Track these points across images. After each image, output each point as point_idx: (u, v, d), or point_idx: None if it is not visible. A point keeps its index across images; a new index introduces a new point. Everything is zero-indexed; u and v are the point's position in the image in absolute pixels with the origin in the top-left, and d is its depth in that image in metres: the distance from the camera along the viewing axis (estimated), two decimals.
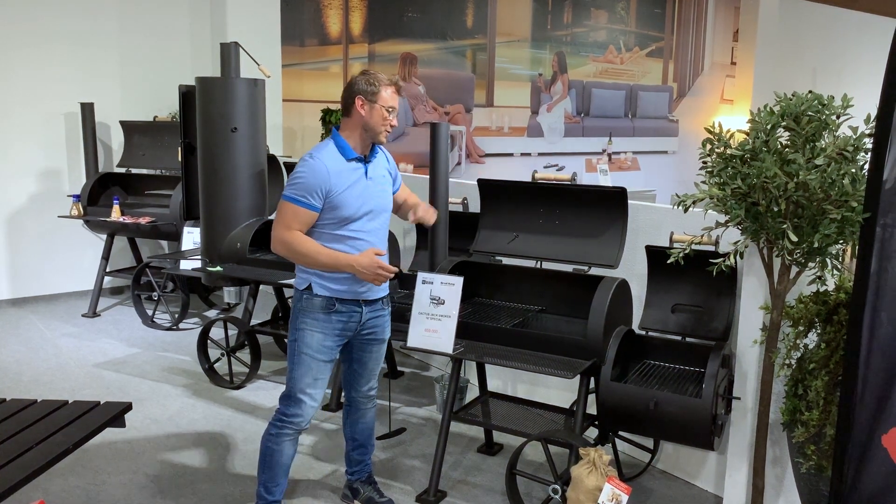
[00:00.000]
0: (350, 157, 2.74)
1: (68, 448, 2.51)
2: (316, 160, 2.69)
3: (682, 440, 2.96)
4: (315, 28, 7.22)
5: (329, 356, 2.83)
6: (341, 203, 2.70)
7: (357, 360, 3.00)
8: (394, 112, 2.77)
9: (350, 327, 2.85)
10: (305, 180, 2.67)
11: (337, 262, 2.71)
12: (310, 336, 2.79)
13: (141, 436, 3.79)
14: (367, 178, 2.78)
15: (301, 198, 2.67)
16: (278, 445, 2.86)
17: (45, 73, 6.09)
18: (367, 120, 2.73)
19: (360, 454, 3.16)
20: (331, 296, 2.78)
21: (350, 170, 2.73)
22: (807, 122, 2.50)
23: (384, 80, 2.75)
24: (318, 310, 2.78)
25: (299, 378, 2.81)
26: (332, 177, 2.67)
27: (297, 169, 2.71)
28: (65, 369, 4.69)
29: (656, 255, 3.24)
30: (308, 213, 2.69)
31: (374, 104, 2.72)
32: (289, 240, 2.70)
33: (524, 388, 4.20)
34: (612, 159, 9.84)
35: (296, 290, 2.84)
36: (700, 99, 10.84)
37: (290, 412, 2.83)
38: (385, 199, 2.88)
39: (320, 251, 2.70)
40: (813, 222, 2.50)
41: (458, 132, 8.37)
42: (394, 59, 7.77)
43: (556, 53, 9.10)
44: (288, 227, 2.69)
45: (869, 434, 2.27)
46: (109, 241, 6.01)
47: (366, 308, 2.86)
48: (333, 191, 2.68)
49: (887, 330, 2.23)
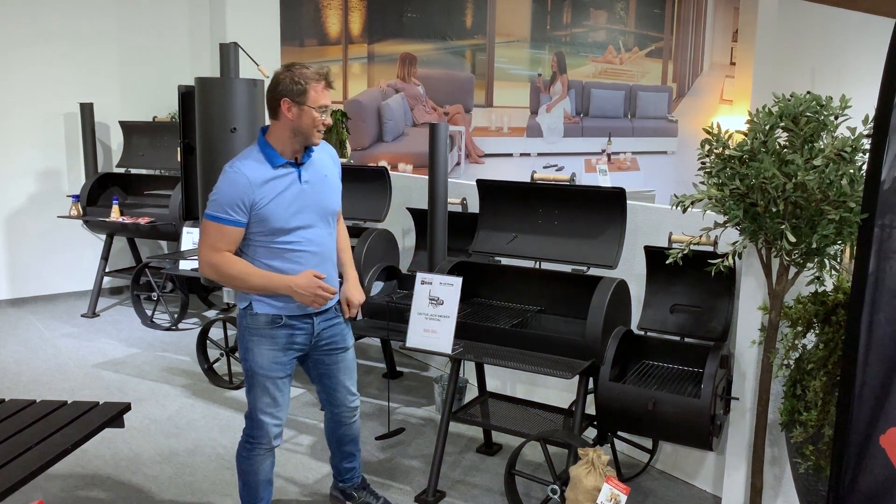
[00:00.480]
0: (278, 164, 2.50)
1: (67, 448, 2.51)
2: (235, 171, 2.45)
3: (680, 440, 2.96)
4: (314, 28, 7.22)
5: (284, 371, 2.64)
6: (269, 215, 2.47)
7: (326, 376, 2.80)
8: (326, 111, 2.50)
9: (303, 340, 2.65)
10: (225, 195, 2.44)
11: (270, 283, 2.50)
12: (259, 355, 2.59)
13: (140, 436, 3.79)
14: (300, 183, 2.54)
15: (223, 214, 2.44)
16: (252, 465, 2.72)
17: (44, 74, 6.09)
18: (297, 123, 2.47)
19: (349, 462, 3.04)
20: (275, 313, 2.57)
21: (277, 177, 2.49)
22: (805, 122, 2.50)
23: (312, 75, 2.47)
24: (264, 326, 2.57)
25: (257, 400, 2.64)
26: (255, 188, 2.44)
27: (218, 183, 2.47)
28: (64, 369, 4.69)
29: (655, 256, 3.24)
30: (233, 229, 2.46)
31: (303, 106, 2.46)
32: (216, 262, 2.47)
33: (523, 389, 4.20)
34: (612, 159, 9.84)
35: (238, 307, 2.64)
36: (699, 99, 10.84)
37: (254, 434, 2.68)
38: (326, 203, 2.62)
39: (251, 273, 2.49)
40: (811, 223, 2.50)
41: (458, 132, 8.37)
42: (393, 60, 7.77)
43: (555, 54, 9.10)
44: (214, 248, 2.46)
45: (867, 434, 2.27)
46: (109, 241, 6.01)
47: (317, 319, 2.66)
48: (258, 202, 2.45)
49: (885, 330, 2.23)
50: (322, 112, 2.49)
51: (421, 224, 4.56)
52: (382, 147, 7.76)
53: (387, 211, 4.54)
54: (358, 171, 4.70)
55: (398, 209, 4.79)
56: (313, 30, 7.20)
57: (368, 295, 3.98)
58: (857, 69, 10.54)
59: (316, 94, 2.47)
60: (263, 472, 2.74)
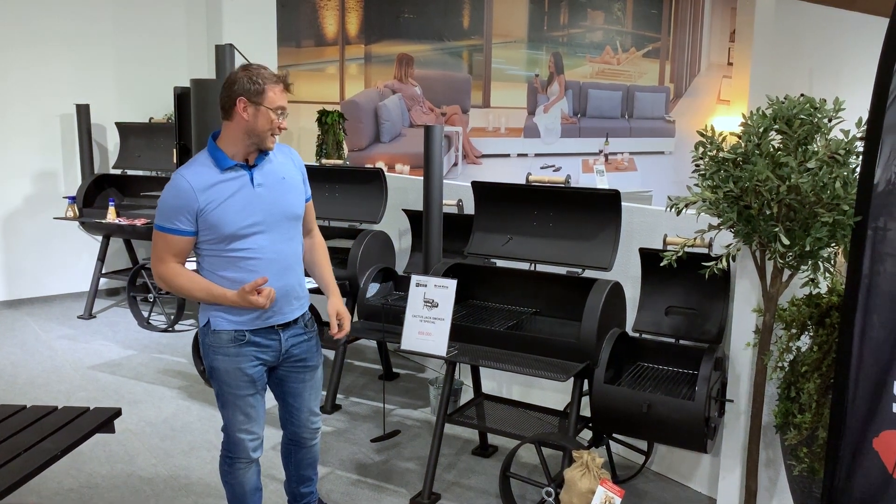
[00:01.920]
0: (226, 167, 2.38)
1: (56, 454, 2.51)
2: (179, 178, 2.35)
3: (675, 443, 2.96)
4: (311, 29, 7.21)
5: (254, 388, 2.50)
6: (217, 220, 2.34)
7: (291, 394, 2.64)
8: (283, 114, 2.40)
9: (270, 358, 2.51)
10: (169, 203, 2.35)
11: (211, 296, 2.37)
12: (224, 374, 2.45)
13: (135, 438, 3.78)
14: (253, 186, 2.40)
15: (167, 224, 2.35)
16: (235, 479, 2.62)
17: (40, 75, 6.09)
18: (252, 124, 2.35)
19: (306, 486, 2.85)
20: (237, 328, 2.43)
21: (225, 181, 2.37)
22: (799, 125, 2.50)
23: (270, 76, 2.38)
24: (228, 343, 2.43)
25: (231, 419, 2.52)
26: (199, 194, 2.32)
27: (163, 192, 2.39)
28: (60, 371, 4.68)
29: (650, 258, 3.24)
30: (180, 239, 2.36)
31: (259, 106, 2.34)
32: (164, 274, 2.38)
33: (519, 391, 4.20)
34: (609, 160, 9.84)
35: (199, 326, 2.52)
36: (697, 100, 10.84)
37: (233, 450, 2.57)
38: (284, 207, 2.46)
39: (194, 286, 2.38)
40: (805, 225, 2.50)
41: (455, 133, 8.37)
42: (390, 60, 7.77)
43: (552, 54, 9.10)
44: (160, 260, 2.38)
45: (860, 437, 2.27)
46: (105, 242, 6.01)
47: (284, 333, 2.51)
48: (204, 208, 2.33)
49: (879, 333, 2.23)
50: (279, 115, 2.38)
51: (417, 226, 4.56)
52: (380, 148, 7.76)
53: (383, 212, 4.54)
54: (354, 172, 4.70)
55: (394, 211, 4.79)
56: (310, 31, 7.20)
57: (364, 297, 3.98)
58: (855, 69, 10.53)
59: (274, 95, 2.36)
60: (249, 483, 2.64)
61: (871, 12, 10.83)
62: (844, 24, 11.65)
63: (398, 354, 4.96)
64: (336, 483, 3.37)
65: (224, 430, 2.57)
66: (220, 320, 2.43)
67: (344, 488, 3.33)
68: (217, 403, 2.56)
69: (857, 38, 11.65)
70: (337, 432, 3.88)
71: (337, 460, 3.58)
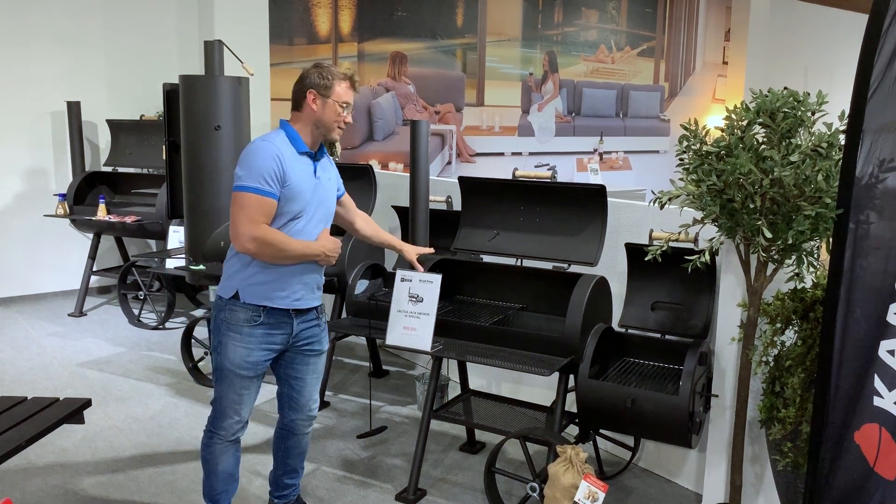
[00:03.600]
0: (301, 150, 2.54)
1: (21, 444, 2.49)
2: (268, 145, 2.47)
3: (659, 437, 2.96)
4: (304, 27, 7.20)
5: (254, 371, 2.60)
6: (293, 195, 2.48)
7: (295, 377, 2.75)
8: (348, 108, 2.58)
9: (279, 340, 2.62)
10: (262, 165, 2.43)
11: (307, 249, 2.54)
12: (232, 350, 2.56)
13: (122, 435, 3.77)
14: (315, 176, 2.59)
15: (262, 185, 2.42)
16: (212, 455, 2.68)
17: (31, 72, 6.07)
18: (320, 115, 2.53)
19: (291, 478, 2.92)
20: (259, 304, 2.54)
21: (301, 162, 2.54)
22: (782, 118, 2.49)
23: (338, 74, 2.56)
24: (242, 323, 2.55)
25: (223, 394, 2.61)
26: (285, 163, 2.46)
27: (247, 154, 2.46)
28: (48, 368, 4.67)
29: (636, 253, 3.23)
30: (271, 202, 2.45)
31: (328, 99, 2.53)
32: (260, 234, 2.43)
33: (508, 387, 4.19)
34: (604, 159, 9.84)
35: (218, 298, 2.61)
36: (692, 98, 10.84)
37: (216, 424, 2.65)
38: (328, 201, 2.68)
39: (292, 241, 2.50)
40: (788, 219, 2.49)
41: (449, 131, 8.36)
42: (383, 59, 7.76)
43: (546, 53, 9.09)
44: (255, 221, 2.43)
45: (842, 431, 2.27)
46: (96, 240, 5.99)
47: (297, 319, 2.64)
48: (288, 179, 2.46)
49: (861, 326, 2.23)
50: (344, 108, 2.56)
51: (406, 222, 4.55)
52: (373, 146, 7.75)
53: (372, 208, 4.53)
54: (343, 168, 4.67)
55: (384, 207, 4.78)
56: (302, 28, 7.19)
57: (352, 293, 3.97)
58: (849, 67, 10.54)
59: (340, 90, 2.56)
60: (224, 465, 2.70)
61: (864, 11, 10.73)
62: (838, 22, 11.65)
63: (388, 351, 4.94)
64: (322, 479, 3.36)
65: (213, 403, 2.66)
66: (249, 294, 2.53)
67: (330, 484, 3.32)
68: (213, 377, 2.64)
69: (851, 36, 11.63)
70: (324, 429, 3.87)
71: (324, 456, 3.57)
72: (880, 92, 2.13)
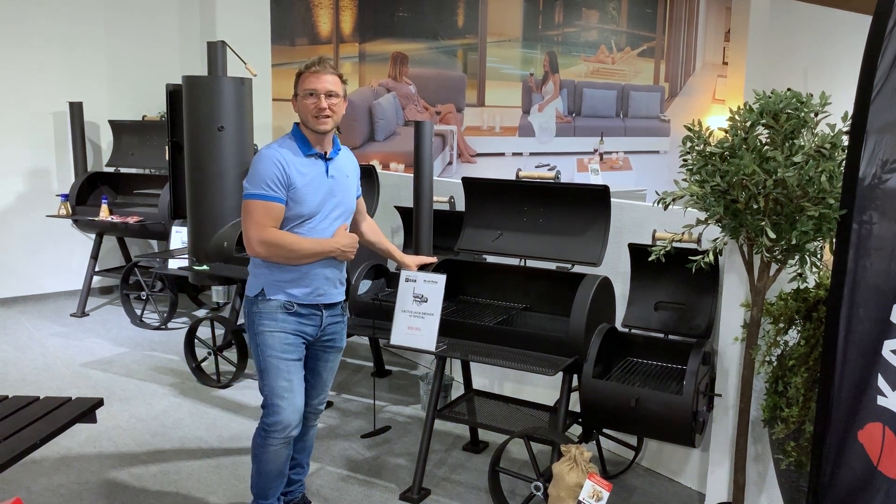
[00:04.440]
0: (309, 153, 2.62)
1: (36, 443, 2.51)
2: (271, 150, 2.58)
3: (663, 437, 2.97)
4: (305, 27, 7.21)
5: (297, 354, 2.69)
6: (301, 198, 2.57)
7: (311, 370, 2.82)
8: (316, 94, 2.55)
9: (311, 331, 2.71)
10: (266, 172, 2.53)
11: (320, 246, 2.61)
12: (271, 337, 2.64)
13: (126, 435, 3.78)
14: (328, 176, 2.65)
15: (266, 191, 2.53)
16: (265, 454, 2.72)
17: (33, 73, 6.08)
18: (300, 114, 2.62)
19: (297, 474, 2.97)
20: (287, 300, 2.64)
21: (308, 164, 2.61)
22: (785, 119, 2.50)
23: (303, 67, 2.61)
24: (277, 310, 2.64)
25: (272, 384, 2.65)
26: (289, 167, 2.55)
27: (253, 164, 2.58)
28: (51, 369, 4.68)
29: (639, 253, 3.25)
30: (277, 206, 2.55)
31: (297, 95, 2.60)
32: (268, 238, 2.54)
33: (511, 387, 4.20)
34: (604, 159, 9.85)
35: (247, 298, 2.69)
36: (692, 99, 10.86)
37: (270, 421, 2.68)
38: (348, 201, 2.75)
39: (302, 240, 2.59)
40: (791, 219, 2.51)
41: (450, 132, 8.37)
42: (384, 59, 7.77)
43: (547, 53, 9.11)
44: (262, 226, 2.54)
45: (846, 430, 2.28)
46: (98, 240, 6.00)
47: (325, 312, 2.73)
48: (293, 183, 2.55)
49: (864, 326, 2.24)
50: (312, 94, 2.55)
51: (409, 222, 4.56)
52: (374, 146, 7.76)
53: (374, 209, 4.54)
54: None
55: (387, 207, 4.79)
56: (304, 29, 7.20)
57: (356, 294, 3.98)
58: (849, 67, 10.56)
59: (302, 81, 2.58)
60: (277, 462, 2.74)
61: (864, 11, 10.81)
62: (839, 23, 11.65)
63: (391, 351, 4.96)
64: (326, 478, 3.37)
65: (264, 404, 2.69)
66: (276, 290, 2.62)
67: (334, 484, 3.33)
68: (258, 376, 2.69)
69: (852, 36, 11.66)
70: (328, 428, 3.89)
71: (328, 456, 3.58)
72: (884, 93, 2.14)
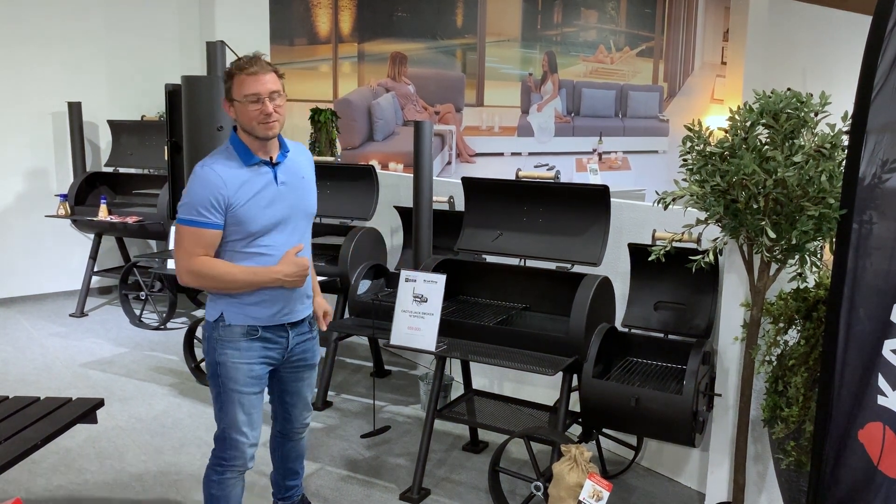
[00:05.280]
0: (251, 163, 2.34)
1: (37, 444, 2.50)
2: (207, 171, 2.28)
3: (663, 437, 2.97)
4: (304, 27, 7.21)
5: (260, 387, 2.48)
6: (246, 216, 2.31)
7: (289, 392, 2.64)
8: (260, 98, 2.27)
9: (277, 356, 2.49)
10: (197, 195, 2.26)
11: (256, 277, 2.33)
12: (234, 370, 2.40)
13: (125, 435, 3.78)
14: (276, 184, 2.38)
15: (197, 217, 2.26)
16: (223, 490, 2.50)
17: (32, 73, 6.07)
18: (240, 120, 2.33)
19: (293, 480, 2.86)
20: (250, 324, 2.40)
21: (253, 176, 2.34)
22: (785, 119, 2.51)
23: (235, 68, 2.32)
24: (240, 337, 2.40)
25: (231, 418, 2.43)
26: (230, 187, 2.28)
27: (188, 184, 2.31)
28: (51, 369, 4.67)
29: (639, 253, 3.25)
30: (210, 233, 2.28)
31: (234, 101, 2.31)
32: (196, 268, 2.29)
33: (511, 387, 4.20)
34: (603, 159, 9.86)
35: (206, 321, 2.46)
36: (690, 99, 10.87)
37: (227, 455, 2.47)
38: (303, 205, 2.47)
39: (235, 271, 2.32)
40: (791, 219, 2.51)
41: (449, 132, 8.38)
42: (383, 59, 7.77)
43: (546, 53, 9.11)
44: (191, 254, 2.29)
45: (846, 429, 2.28)
46: (97, 240, 5.99)
47: (292, 332, 2.51)
48: (234, 203, 2.28)
49: (864, 326, 2.24)
50: (253, 101, 2.28)
51: (408, 222, 4.56)
52: (373, 146, 7.76)
53: (374, 209, 4.54)
54: (345, 169, 4.70)
55: (386, 207, 4.79)
56: (303, 28, 7.20)
57: (355, 294, 3.98)
58: (848, 68, 10.57)
59: (239, 85, 2.29)
60: (235, 498, 2.55)
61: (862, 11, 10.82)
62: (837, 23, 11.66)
63: (390, 351, 4.96)
64: (326, 478, 3.37)
65: (220, 435, 2.49)
66: (236, 315, 2.39)
67: (334, 484, 3.33)
68: (214, 405, 2.47)
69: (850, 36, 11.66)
70: (328, 428, 3.88)
71: (327, 456, 3.58)
72: (884, 93, 2.14)
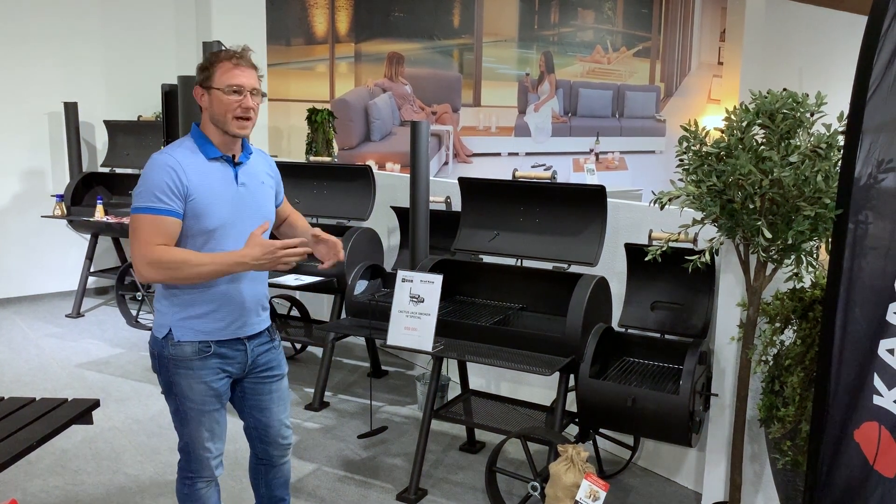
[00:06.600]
0: (212, 156, 2.20)
1: (32, 444, 2.49)
2: (165, 156, 2.13)
3: (660, 437, 2.97)
4: (301, 27, 7.21)
5: (220, 402, 2.32)
6: (205, 210, 2.15)
7: (258, 408, 2.43)
8: (241, 91, 2.15)
9: (236, 369, 2.32)
10: (155, 182, 2.09)
11: (223, 264, 2.12)
12: (188, 389, 2.24)
13: (122, 435, 3.77)
14: (237, 184, 2.23)
15: (155, 204, 2.08)
16: (197, 500, 2.39)
17: (28, 73, 6.06)
18: (211, 111, 2.18)
19: None
20: (201, 339, 2.22)
21: (213, 170, 2.19)
22: (781, 119, 2.51)
23: (219, 55, 2.18)
24: (191, 356, 2.22)
25: (194, 436, 2.30)
26: (189, 175, 2.12)
27: (143, 172, 2.13)
28: (46, 369, 4.66)
29: (636, 253, 3.25)
30: (170, 220, 2.10)
31: (211, 89, 2.16)
32: (156, 257, 2.07)
33: (508, 387, 4.20)
34: (600, 159, 9.87)
35: (153, 339, 2.27)
36: (687, 99, 10.88)
37: (193, 468, 2.36)
38: (262, 210, 2.31)
39: (199, 258, 2.11)
40: (787, 219, 2.51)
41: (446, 132, 8.38)
42: (380, 59, 7.77)
43: (543, 53, 9.11)
44: (148, 244, 2.08)
45: (842, 429, 2.29)
46: (93, 241, 5.98)
47: (250, 344, 2.33)
48: (193, 193, 2.12)
49: (860, 326, 2.25)
50: (236, 92, 2.15)
51: (405, 223, 4.55)
52: (370, 146, 7.76)
53: (371, 210, 4.54)
54: (342, 169, 4.70)
55: (383, 208, 4.79)
56: (300, 29, 7.19)
57: (352, 294, 3.98)
58: (844, 68, 10.60)
59: (222, 73, 2.15)
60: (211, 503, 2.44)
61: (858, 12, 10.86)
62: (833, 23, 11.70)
63: (387, 352, 4.95)
64: (323, 479, 3.37)
65: (183, 450, 2.37)
66: (186, 331, 2.22)
67: (331, 484, 3.33)
68: (174, 422, 2.33)
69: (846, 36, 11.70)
70: (324, 429, 3.88)
71: (324, 457, 3.58)
72: (879, 93, 2.15)
